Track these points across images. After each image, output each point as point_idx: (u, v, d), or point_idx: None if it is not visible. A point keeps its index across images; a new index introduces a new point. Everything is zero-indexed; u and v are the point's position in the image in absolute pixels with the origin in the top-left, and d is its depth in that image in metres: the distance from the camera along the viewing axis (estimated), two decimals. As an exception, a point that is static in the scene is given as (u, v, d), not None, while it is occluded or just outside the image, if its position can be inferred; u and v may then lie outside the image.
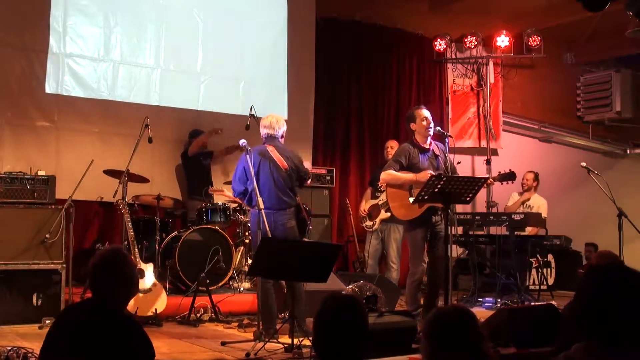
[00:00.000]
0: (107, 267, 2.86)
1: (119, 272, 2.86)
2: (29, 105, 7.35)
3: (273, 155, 5.50)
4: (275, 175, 5.47)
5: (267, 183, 5.43)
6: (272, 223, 5.32)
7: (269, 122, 5.62)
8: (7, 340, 4.89)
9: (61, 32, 7.54)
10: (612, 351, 2.00)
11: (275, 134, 5.60)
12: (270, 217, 5.32)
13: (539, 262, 8.49)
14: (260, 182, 5.38)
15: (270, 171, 5.45)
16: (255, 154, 5.46)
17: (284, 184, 5.49)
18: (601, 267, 2.15)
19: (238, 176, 5.49)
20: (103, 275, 2.84)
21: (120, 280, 2.86)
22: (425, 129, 5.63)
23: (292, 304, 5.09)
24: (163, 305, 5.98)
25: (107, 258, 2.89)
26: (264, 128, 5.62)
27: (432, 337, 2.26)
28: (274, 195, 5.43)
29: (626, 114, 10.66)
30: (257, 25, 8.76)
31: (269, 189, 5.43)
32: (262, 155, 5.49)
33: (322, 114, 9.28)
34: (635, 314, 2.00)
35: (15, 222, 5.90)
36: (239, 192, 5.54)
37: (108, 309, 2.79)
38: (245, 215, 7.47)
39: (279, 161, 5.50)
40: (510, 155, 10.27)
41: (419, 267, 5.61)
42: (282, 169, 5.50)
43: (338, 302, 2.56)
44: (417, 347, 4.53)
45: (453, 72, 10.43)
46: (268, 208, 5.34)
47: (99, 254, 2.97)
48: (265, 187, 5.42)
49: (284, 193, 5.49)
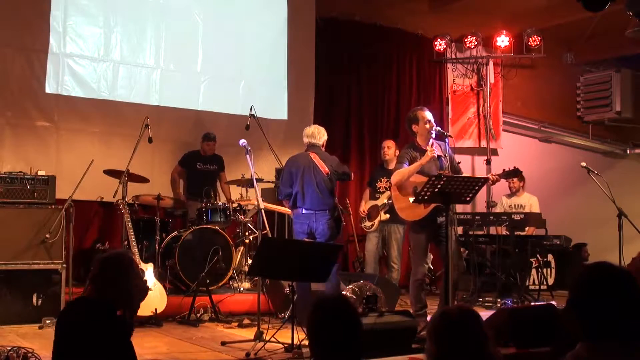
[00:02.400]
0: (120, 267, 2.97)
1: (131, 274, 3.02)
2: (29, 105, 7.35)
3: (315, 160, 5.92)
4: (318, 179, 5.88)
5: (310, 186, 5.86)
6: (313, 222, 5.82)
7: (311, 132, 6.07)
8: (7, 340, 4.89)
9: (61, 32, 7.54)
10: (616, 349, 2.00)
11: (316, 142, 6.02)
12: (312, 216, 5.83)
13: (539, 262, 8.49)
14: (304, 184, 5.84)
15: (313, 175, 5.87)
16: (298, 160, 5.97)
17: (325, 187, 5.90)
18: (589, 267, 2.16)
19: (285, 179, 5.94)
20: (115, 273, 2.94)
21: (131, 281, 3.00)
22: (427, 132, 5.60)
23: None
24: (163, 305, 5.98)
25: (120, 258, 3.05)
26: (306, 137, 6.05)
27: (437, 337, 2.26)
28: (315, 197, 5.85)
29: (626, 114, 10.66)
30: (257, 25, 8.76)
31: (311, 192, 5.85)
32: (305, 160, 5.93)
33: (322, 114, 9.27)
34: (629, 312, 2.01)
35: (15, 222, 5.91)
36: (286, 194, 5.96)
37: (107, 308, 2.82)
38: (245, 215, 7.47)
39: (321, 166, 5.90)
40: (510, 155, 10.27)
41: (420, 267, 5.61)
42: (323, 173, 5.90)
43: (327, 303, 2.57)
44: (417, 347, 4.53)
45: (453, 72, 10.42)
46: (310, 209, 5.84)
47: (111, 253, 3.09)
48: (309, 189, 5.85)
49: (324, 195, 5.89)
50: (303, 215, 5.88)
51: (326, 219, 5.87)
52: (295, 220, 6.01)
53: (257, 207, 5.65)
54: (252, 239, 7.27)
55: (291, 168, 5.93)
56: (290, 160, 6.03)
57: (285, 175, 5.96)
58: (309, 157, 5.94)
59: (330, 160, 6.03)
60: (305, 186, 5.85)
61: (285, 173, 5.98)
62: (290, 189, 5.91)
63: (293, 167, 5.92)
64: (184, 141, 8.05)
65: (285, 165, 6.09)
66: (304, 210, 5.87)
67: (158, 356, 4.67)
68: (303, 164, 5.91)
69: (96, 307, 2.88)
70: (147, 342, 5.14)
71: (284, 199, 6.10)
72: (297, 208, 5.91)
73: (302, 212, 5.88)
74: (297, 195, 5.87)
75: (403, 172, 5.49)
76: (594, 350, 2.03)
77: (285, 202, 6.14)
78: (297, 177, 5.87)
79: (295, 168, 5.90)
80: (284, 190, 5.97)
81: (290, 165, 5.97)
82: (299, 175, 5.87)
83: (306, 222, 5.87)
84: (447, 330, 2.25)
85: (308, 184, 5.85)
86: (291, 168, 5.93)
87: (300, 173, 5.88)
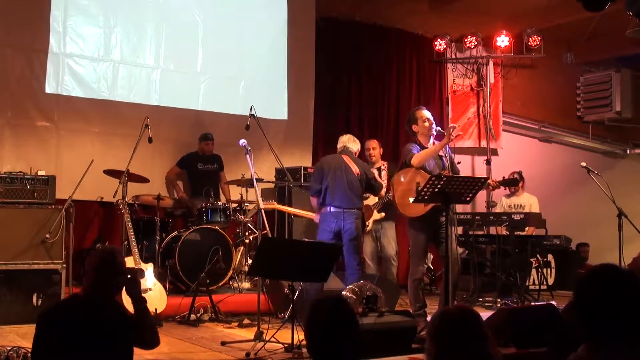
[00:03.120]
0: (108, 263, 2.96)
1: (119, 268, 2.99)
2: (29, 105, 7.35)
3: (347, 162, 6.21)
4: (348, 179, 6.12)
5: (341, 185, 6.09)
6: (341, 221, 6.01)
7: (347, 139, 6.42)
8: (7, 340, 4.89)
9: (61, 32, 7.54)
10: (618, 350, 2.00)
11: (350, 148, 6.34)
12: (340, 215, 6.03)
13: (539, 262, 8.49)
14: (336, 183, 6.08)
15: (345, 175, 6.11)
16: (330, 159, 6.27)
17: (355, 187, 6.14)
18: (594, 268, 2.16)
19: (316, 176, 6.21)
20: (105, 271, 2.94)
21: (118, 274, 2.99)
22: (427, 130, 5.63)
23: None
24: (163, 305, 5.98)
25: (107, 255, 3.02)
26: (342, 142, 6.39)
27: (437, 337, 2.25)
28: (345, 196, 6.07)
29: (626, 114, 10.66)
30: (257, 25, 8.76)
31: (342, 190, 6.08)
32: (337, 160, 6.23)
33: (322, 114, 9.28)
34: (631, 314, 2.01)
35: (15, 222, 5.91)
36: (316, 190, 6.18)
37: (103, 304, 2.83)
38: (245, 215, 7.47)
39: (353, 167, 6.19)
40: (510, 155, 10.28)
41: (419, 267, 5.61)
42: (354, 174, 6.17)
43: (323, 304, 2.57)
44: (417, 347, 4.53)
45: (453, 72, 10.42)
46: (338, 206, 6.05)
47: (98, 252, 3.09)
48: (340, 188, 6.08)
49: (354, 195, 6.13)
50: (331, 214, 6.07)
51: (354, 218, 6.07)
52: (322, 219, 6.15)
53: (257, 207, 5.65)
54: (252, 239, 7.27)
55: (323, 165, 6.23)
56: (322, 160, 6.40)
57: (317, 173, 6.24)
58: (342, 158, 6.24)
59: (362, 165, 6.35)
60: (336, 184, 6.08)
61: (316, 170, 6.30)
62: (320, 185, 6.14)
63: (325, 165, 6.21)
64: (184, 141, 8.05)
65: (317, 163, 6.44)
66: (333, 208, 6.07)
67: (158, 356, 4.66)
68: (335, 163, 6.19)
69: (81, 304, 2.88)
70: (147, 342, 5.13)
71: (313, 195, 6.27)
72: (325, 206, 6.10)
73: (330, 210, 6.07)
74: (326, 191, 6.10)
75: (423, 154, 5.48)
76: (597, 351, 2.03)
77: (314, 200, 6.30)
78: (328, 175, 6.12)
79: (327, 166, 6.18)
80: (315, 187, 6.19)
81: (322, 163, 6.29)
82: (330, 173, 6.12)
83: (334, 221, 6.05)
84: (446, 330, 2.25)
85: (338, 182, 6.08)
86: (323, 165, 6.23)
87: (332, 171, 6.13)
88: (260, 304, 5.52)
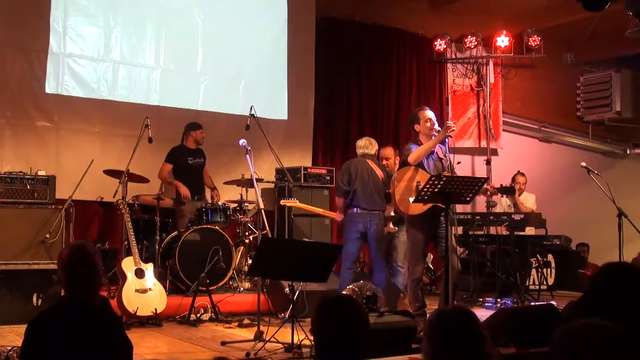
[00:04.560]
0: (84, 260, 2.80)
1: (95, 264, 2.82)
2: (29, 105, 7.35)
3: (372, 166, 6.46)
4: (374, 182, 6.39)
5: (368, 188, 6.34)
6: (367, 222, 6.28)
7: (364, 144, 6.65)
8: (7, 340, 4.89)
9: (61, 32, 7.54)
10: None
11: (369, 152, 6.60)
12: (366, 216, 6.29)
13: (539, 262, 8.49)
14: (363, 186, 6.33)
15: (370, 178, 6.37)
16: (357, 163, 6.51)
17: (380, 190, 6.39)
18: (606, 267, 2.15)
19: (344, 178, 6.43)
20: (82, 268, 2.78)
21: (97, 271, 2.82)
22: (429, 130, 5.64)
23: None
24: (163, 305, 5.97)
25: (79, 251, 2.85)
26: (360, 148, 6.65)
27: (434, 337, 2.25)
28: (372, 198, 6.34)
29: (626, 114, 10.66)
30: (257, 25, 8.77)
31: (369, 193, 6.33)
32: (363, 164, 6.48)
33: (322, 114, 9.28)
34: None
35: (15, 222, 5.91)
36: (344, 191, 6.42)
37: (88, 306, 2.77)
38: (245, 215, 7.47)
39: (378, 172, 6.46)
40: (510, 155, 10.28)
41: (418, 266, 5.61)
42: (379, 177, 6.44)
43: (335, 301, 2.56)
44: (417, 347, 4.52)
45: (453, 72, 10.43)
46: (365, 208, 6.30)
47: (66, 250, 2.90)
48: (367, 190, 6.33)
49: (379, 197, 6.39)
50: (357, 215, 6.33)
51: (379, 219, 6.33)
52: (349, 219, 6.39)
53: (257, 207, 5.64)
54: (252, 239, 7.26)
55: (350, 168, 6.47)
56: (348, 163, 6.62)
57: (345, 174, 6.45)
58: (367, 162, 6.50)
59: (383, 168, 6.62)
60: (363, 186, 6.34)
61: (344, 172, 6.49)
62: (348, 187, 6.39)
63: (352, 168, 6.45)
64: (184, 141, 8.04)
65: (343, 167, 6.66)
66: (359, 209, 6.32)
67: (158, 356, 4.67)
68: (362, 167, 6.45)
69: (66, 308, 2.76)
70: (147, 342, 5.14)
71: (340, 196, 6.49)
72: (352, 207, 6.36)
73: (357, 212, 6.33)
74: (354, 193, 6.35)
75: (420, 150, 5.51)
76: None
77: (340, 200, 6.50)
78: (356, 178, 6.37)
79: (354, 169, 6.43)
80: (343, 187, 6.42)
81: (349, 165, 6.53)
82: (357, 176, 6.38)
83: (361, 222, 6.30)
84: (443, 330, 2.25)
85: (366, 185, 6.34)
86: (350, 168, 6.47)
87: (359, 174, 6.39)
88: (260, 304, 5.52)
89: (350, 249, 6.32)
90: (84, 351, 2.63)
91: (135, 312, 5.74)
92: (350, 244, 6.34)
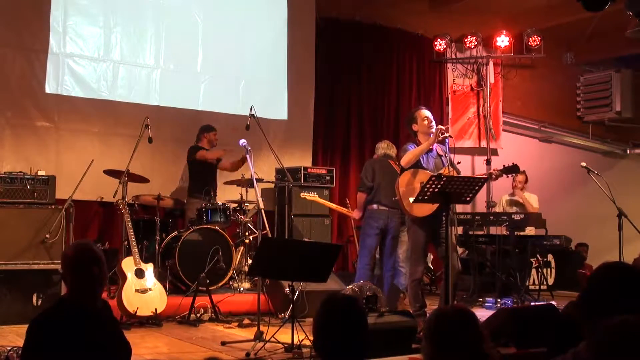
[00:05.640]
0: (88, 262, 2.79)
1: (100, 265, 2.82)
2: (29, 105, 7.35)
3: (394, 166, 6.54)
4: (395, 181, 6.15)
5: (390, 186, 6.25)
6: (387, 218, 6.42)
7: (386, 145, 6.91)
8: (7, 340, 4.89)
9: (61, 32, 7.54)
10: None
11: (391, 154, 6.82)
12: (386, 213, 6.43)
13: (539, 262, 8.49)
14: (386, 183, 6.41)
15: (392, 177, 6.26)
16: (379, 162, 6.73)
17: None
18: (604, 267, 2.15)
19: (368, 175, 6.56)
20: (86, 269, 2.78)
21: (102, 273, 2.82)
22: (427, 128, 5.65)
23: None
24: (163, 305, 5.97)
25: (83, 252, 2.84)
26: (381, 149, 6.89)
27: (433, 337, 2.25)
28: (392, 195, 6.19)
29: (626, 114, 10.67)
30: (257, 25, 8.76)
31: (391, 191, 6.18)
32: (385, 163, 6.68)
33: (322, 114, 9.28)
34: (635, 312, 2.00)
35: (15, 222, 5.91)
36: (367, 187, 6.54)
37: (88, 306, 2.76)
38: (245, 215, 7.47)
39: (398, 170, 6.31)
40: (510, 155, 10.22)
41: (419, 266, 5.61)
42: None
43: (337, 302, 2.56)
44: (417, 347, 4.52)
45: (453, 72, 10.43)
46: (386, 205, 6.42)
47: (71, 249, 2.90)
48: (389, 188, 6.28)
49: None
50: (378, 211, 6.45)
51: (398, 216, 6.39)
52: (369, 216, 6.51)
53: (257, 207, 5.64)
54: (252, 239, 7.26)
55: (374, 166, 6.65)
56: (371, 161, 6.84)
57: (369, 172, 6.59)
58: (389, 162, 6.69)
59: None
60: (385, 184, 6.45)
61: (367, 170, 6.64)
62: (371, 183, 6.53)
63: (375, 166, 6.64)
64: (184, 141, 8.01)
65: (366, 164, 6.84)
66: (380, 206, 6.44)
67: (158, 356, 4.67)
68: (384, 166, 6.64)
69: (71, 310, 2.75)
70: (147, 342, 5.14)
71: (364, 191, 6.58)
72: (372, 204, 6.48)
73: (377, 208, 6.45)
74: (377, 189, 6.49)
75: (413, 152, 5.53)
76: None
77: (362, 195, 6.60)
78: (379, 175, 6.53)
79: (378, 167, 6.62)
80: (367, 183, 6.54)
81: (372, 163, 6.72)
82: (380, 173, 6.54)
83: (381, 218, 6.42)
84: (442, 330, 2.25)
85: (387, 183, 6.40)
86: (374, 166, 6.65)
87: (382, 172, 6.54)
88: (260, 304, 5.52)
89: (369, 244, 6.44)
90: (83, 352, 2.63)
91: (135, 312, 5.74)
92: (369, 239, 6.46)
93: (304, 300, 5.96)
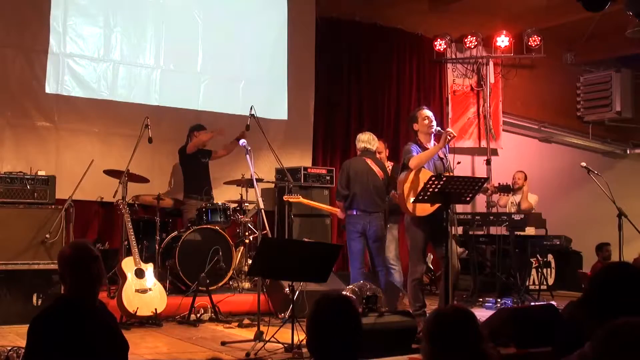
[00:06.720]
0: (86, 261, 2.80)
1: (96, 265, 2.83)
2: (29, 105, 7.35)
3: (371, 166, 6.33)
4: (374, 184, 6.28)
5: (367, 191, 6.24)
6: (367, 223, 6.20)
7: (367, 138, 6.48)
8: (7, 340, 4.89)
9: (61, 32, 7.54)
10: None
11: (371, 148, 6.45)
12: (366, 217, 6.21)
13: (539, 262, 8.49)
14: (363, 189, 6.23)
15: (369, 179, 6.26)
16: (355, 164, 6.38)
17: (379, 190, 6.31)
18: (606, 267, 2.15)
19: (343, 182, 6.31)
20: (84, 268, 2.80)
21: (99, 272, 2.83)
22: (427, 127, 5.66)
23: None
24: (163, 305, 5.98)
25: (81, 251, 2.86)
26: (362, 142, 6.46)
27: (432, 337, 2.26)
28: (371, 200, 6.25)
29: (626, 114, 10.68)
30: (257, 25, 8.77)
31: (368, 194, 6.24)
32: (362, 164, 6.34)
33: (322, 114, 9.28)
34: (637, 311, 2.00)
35: (15, 222, 5.91)
36: (343, 196, 6.33)
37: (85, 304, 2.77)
38: (245, 215, 7.47)
39: (377, 171, 6.33)
40: (510, 155, 10.28)
41: (418, 266, 5.61)
42: (379, 177, 6.33)
43: (330, 302, 2.56)
44: (417, 347, 4.53)
45: (453, 72, 10.43)
46: (364, 210, 6.22)
47: (69, 248, 2.91)
48: (366, 193, 6.23)
49: (379, 198, 6.32)
50: (356, 216, 6.26)
51: (378, 220, 6.28)
52: (348, 221, 6.34)
53: (257, 207, 5.64)
54: (252, 239, 7.26)
55: (349, 171, 6.34)
56: (347, 164, 6.50)
57: (344, 179, 6.34)
58: (366, 162, 6.36)
59: (382, 166, 6.47)
60: (362, 189, 6.24)
61: (343, 176, 6.39)
62: (347, 192, 6.29)
63: (351, 171, 6.33)
64: (184, 141, 8.03)
65: (342, 168, 6.57)
66: (358, 211, 6.25)
67: (158, 356, 4.67)
68: (360, 168, 6.33)
69: (70, 308, 2.76)
70: (147, 342, 5.14)
71: (340, 200, 6.44)
72: (351, 209, 6.29)
73: (356, 213, 6.25)
74: (354, 197, 6.25)
75: (421, 156, 5.50)
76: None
77: (339, 203, 6.48)
78: (355, 181, 6.27)
79: (353, 171, 6.32)
80: (342, 192, 6.33)
81: (348, 168, 6.39)
82: (357, 178, 6.27)
83: (360, 223, 6.24)
84: (442, 330, 2.25)
85: (365, 188, 6.24)
86: (349, 171, 6.34)
87: (359, 176, 6.28)
88: (260, 304, 5.52)
89: (354, 248, 6.34)
90: (83, 349, 2.64)
91: (135, 312, 5.74)
92: (354, 243, 6.34)
93: (304, 300, 5.95)
